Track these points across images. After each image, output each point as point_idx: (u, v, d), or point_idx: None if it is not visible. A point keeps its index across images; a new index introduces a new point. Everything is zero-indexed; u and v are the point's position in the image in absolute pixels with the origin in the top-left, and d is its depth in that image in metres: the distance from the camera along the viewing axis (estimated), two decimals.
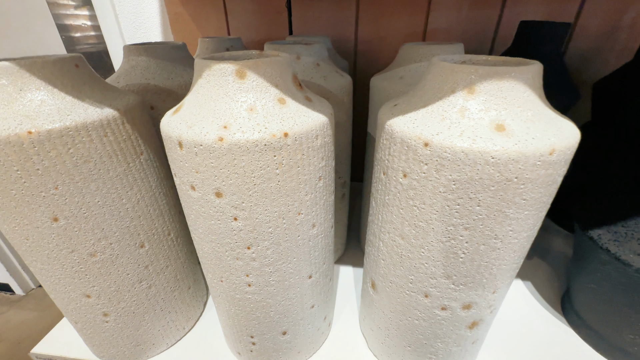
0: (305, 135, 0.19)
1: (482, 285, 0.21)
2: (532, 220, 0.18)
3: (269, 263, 0.22)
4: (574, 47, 0.47)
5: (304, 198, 0.21)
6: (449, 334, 0.24)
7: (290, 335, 0.27)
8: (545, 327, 0.33)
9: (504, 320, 0.34)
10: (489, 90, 0.17)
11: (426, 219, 0.19)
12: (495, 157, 0.16)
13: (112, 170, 0.22)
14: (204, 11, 0.51)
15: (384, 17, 0.48)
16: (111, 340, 0.28)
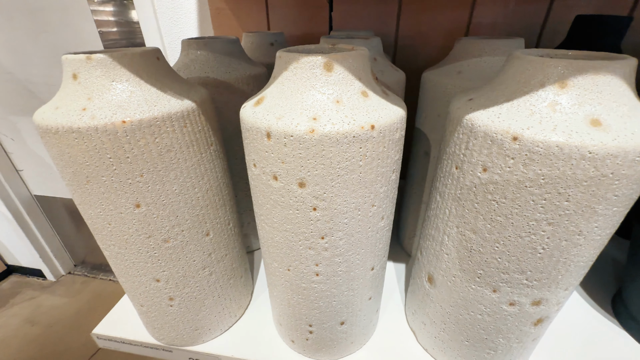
0: (389, 128, 0.19)
1: (557, 282, 0.20)
2: (618, 217, 0.18)
3: (339, 253, 0.22)
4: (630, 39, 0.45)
5: (379, 190, 0.21)
6: (513, 330, 0.24)
7: (347, 326, 0.27)
8: (597, 329, 0.33)
9: (557, 319, 0.34)
10: (582, 85, 0.17)
11: (505, 213, 0.19)
12: (592, 152, 0.16)
13: (189, 160, 0.23)
14: (246, 6, 0.52)
15: (426, 12, 0.48)
16: (173, 324, 0.29)
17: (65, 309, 1.23)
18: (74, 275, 1.42)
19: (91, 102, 0.20)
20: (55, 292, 1.32)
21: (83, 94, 0.20)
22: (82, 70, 0.20)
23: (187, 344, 0.31)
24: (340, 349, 0.29)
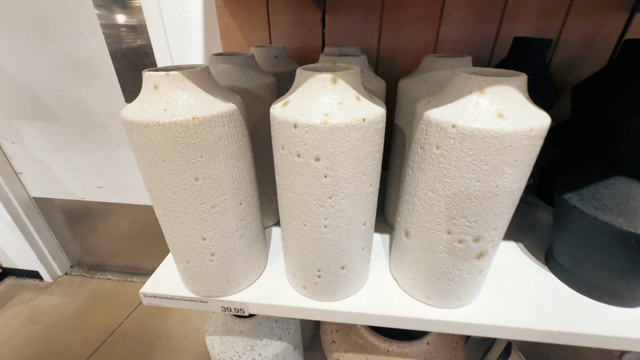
0: (374, 121, 0.28)
1: (488, 223, 0.31)
2: (520, 175, 0.28)
3: (342, 209, 0.32)
4: (558, 56, 0.58)
5: (369, 164, 0.30)
6: (463, 263, 0.34)
7: (346, 270, 0.37)
8: (534, 273, 0.43)
9: (503, 269, 0.44)
10: (493, 92, 0.27)
11: (451, 176, 0.29)
12: (498, 133, 0.26)
13: (232, 146, 0.32)
14: (251, 23, 0.61)
15: (402, 30, 0.58)
16: (212, 277, 0.38)
17: (65, 309, 1.26)
18: (71, 276, 1.44)
19: (169, 105, 0.28)
20: (53, 292, 1.35)
21: (163, 99, 0.28)
22: (162, 83, 0.28)
23: (221, 294, 0.40)
24: (341, 291, 0.39)
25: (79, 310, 1.27)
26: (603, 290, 0.39)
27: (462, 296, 0.37)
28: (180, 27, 0.74)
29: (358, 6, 0.57)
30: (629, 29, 0.54)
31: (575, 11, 0.54)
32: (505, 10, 0.55)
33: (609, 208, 0.34)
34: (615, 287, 0.37)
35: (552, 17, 0.55)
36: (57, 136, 1.06)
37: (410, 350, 0.53)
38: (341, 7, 0.58)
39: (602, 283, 0.38)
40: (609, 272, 0.37)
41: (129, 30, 0.86)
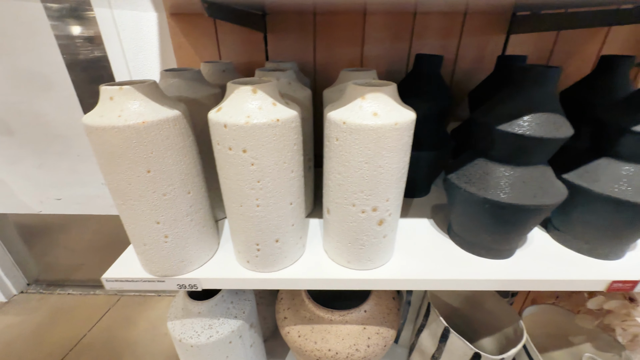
0: (288, 121, 0.38)
1: (379, 195, 0.41)
2: (397, 157, 0.39)
3: (269, 191, 0.40)
4: (459, 69, 0.71)
5: (287, 154, 0.39)
6: (368, 229, 0.44)
7: (280, 243, 0.45)
8: (437, 242, 0.54)
9: (414, 239, 0.55)
10: (371, 97, 0.37)
11: (348, 159, 0.39)
12: (372, 127, 0.36)
13: (178, 144, 0.40)
14: (201, 41, 0.69)
15: (333, 47, 0.69)
16: (167, 257, 0.45)
17: (23, 326, 1.23)
18: (27, 294, 1.40)
19: (123, 112, 0.36)
20: (8, 311, 1.30)
21: (118, 107, 0.36)
22: (116, 95, 0.36)
23: (176, 273, 0.47)
24: (278, 262, 0.47)
25: (38, 326, 1.24)
26: (482, 247, 0.50)
27: (374, 258, 0.47)
28: (137, 44, 0.80)
29: (294, 28, 0.67)
30: (507, 46, 0.69)
31: (467, 32, 0.68)
32: (414, 31, 0.67)
33: (473, 182, 0.46)
34: (490, 244, 0.49)
35: (451, 37, 0.68)
36: (12, 149, 1.05)
37: (350, 317, 0.62)
38: (280, 28, 0.67)
39: (481, 242, 0.50)
40: (482, 232, 0.48)
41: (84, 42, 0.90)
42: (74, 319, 1.27)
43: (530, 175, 0.43)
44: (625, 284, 0.47)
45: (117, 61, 0.83)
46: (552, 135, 0.39)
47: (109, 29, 0.80)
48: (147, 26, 0.77)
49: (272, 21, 0.66)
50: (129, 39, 0.80)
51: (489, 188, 0.44)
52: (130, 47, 0.80)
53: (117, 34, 0.80)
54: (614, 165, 0.45)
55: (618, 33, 0.67)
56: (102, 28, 0.80)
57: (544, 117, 0.40)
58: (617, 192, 0.43)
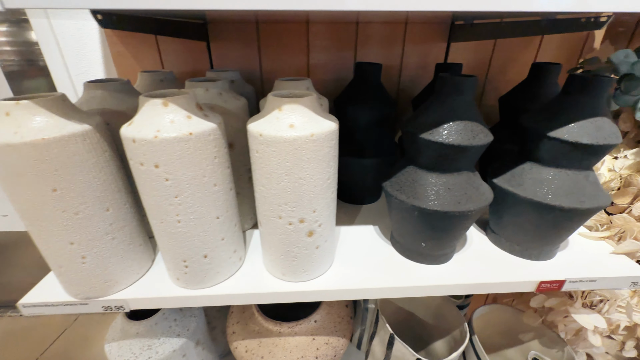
0: (203, 134, 0.37)
1: (304, 206, 0.40)
2: (319, 168, 0.38)
3: (189, 206, 0.39)
4: (405, 76, 0.72)
5: (207, 168, 0.38)
6: (298, 241, 0.43)
7: (210, 258, 0.44)
8: (380, 248, 0.55)
9: (356, 247, 0.55)
10: (287, 109, 0.37)
11: (269, 171, 0.38)
12: (288, 139, 0.36)
13: (88, 161, 0.38)
14: (141, 49, 0.67)
15: (279, 55, 0.69)
16: (87, 278, 0.42)
17: None
18: None
19: (20, 128, 0.33)
20: None
21: (14, 123, 0.34)
22: (13, 110, 0.34)
23: (100, 295, 0.44)
24: (211, 278, 0.46)
25: None
26: (419, 253, 0.51)
27: (308, 270, 0.46)
28: (78, 53, 0.76)
29: (238, 36, 0.66)
30: (449, 54, 0.71)
31: (409, 41, 0.69)
32: (357, 40, 0.68)
33: (403, 190, 0.46)
34: (425, 250, 0.50)
35: (394, 45, 0.69)
36: None
37: (299, 329, 0.61)
38: (223, 37, 0.66)
39: (417, 248, 0.50)
40: (417, 239, 0.49)
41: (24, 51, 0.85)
42: (27, 342, 1.19)
43: (455, 181, 0.43)
44: (552, 284, 0.48)
45: (57, 71, 0.79)
46: (469, 142, 0.40)
47: (47, 38, 0.76)
48: (87, 34, 0.74)
49: (214, 30, 0.65)
50: (69, 47, 0.76)
51: (417, 195, 0.44)
52: (71, 56, 0.77)
53: (57, 43, 0.76)
54: (536, 169, 0.47)
55: (551, 41, 0.71)
56: (40, 37, 0.76)
57: (462, 125, 0.40)
58: (539, 195, 0.45)
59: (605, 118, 0.42)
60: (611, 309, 0.63)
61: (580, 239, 0.58)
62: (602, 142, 0.41)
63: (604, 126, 0.41)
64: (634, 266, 0.51)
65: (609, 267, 0.51)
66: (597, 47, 0.72)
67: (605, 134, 0.41)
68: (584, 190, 0.44)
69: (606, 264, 0.51)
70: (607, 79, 0.41)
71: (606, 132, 0.41)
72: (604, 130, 0.41)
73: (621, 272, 0.49)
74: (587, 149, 0.42)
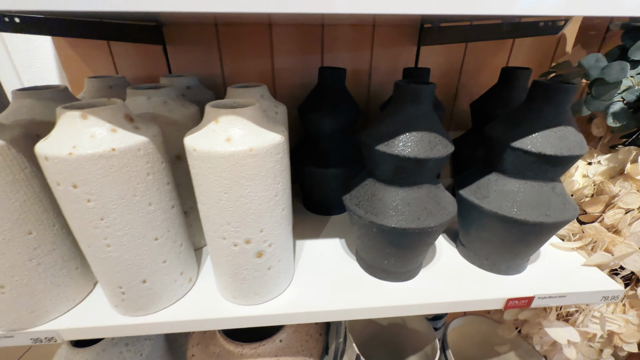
0: (131, 149, 0.33)
1: (249, 227, 0.37)
2: (262, 185, 0.35)
3: (119, 229, 0.35)
4: (375, 81, 0.70)
5: (137, 187, 0.35)
6: (246, 263, 0.39)
7: (150, 283, 0.40)
8: (344, 264, 0.51)
9: (319, 264, 0.51)
10: (225, 121, 0.33)
11: (207, 189, 0.35)
12: (223, 154, 0.32)
13: (3, 179, 0.33)
14: (92, 53, 0.62)
15: (241, 60, 0.65)
16: (9, 310, 0.38)
17: None
18: None
19: None
20: None
21: None
22: None
23: (27, 326, 0.40)
24: (153, 304, 0.42)
25: None
26: (382, 270, 0.48)
27: (261, 292, 0.43)
28: (29, 56, 0.71)
29: (196, 39, 0.62)
30: (419, 58, 0.68)
31: (378, 44, 0.66)
32: (324, 43, 0.65)
33: (362, 204, 0.43)
34: (388, 267, 0.47)
35: (363, 49, 0.67)
36: None
37: (263, 350, 0.57)
38: (180, 40, 0.62)
39: (380, 265, 0.47)
40: (379, 256, 0.46)
41: None
42: None
43: (415, 196, 0.41)
44: (521, 300, 0.46)
45: (7, 76, 0.74)
46: (427, 155, 0.37)
47: None
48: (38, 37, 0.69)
49: (170, 33, 0.61)
50: (19, 51, 0.71)
51: (375, 211, 0.41)
52: (22, 61, 0.72)
53: (4, 46, 0.71)
54: (501, 181, 0.44)
55: (522, 45, 0.69)
56: None
57: (419, 137, 0.38)
58: (504, 209, 0.42)
59: (569, 127, 0.40)
60: (586, 319, 0.62)
61: (552, 249, 0.56)
62: (566, 153, 0.38)
63: (568, 136, 0.39)
64: (605, 279, 0.49)
65: (579, 280, 0.49)
66: (569, 51, 0.70)
67: (569, 145, 0.39)
68: (550, 203, 0.42)
69: (577, 277, 0.49)
70: (570, 86, 0.38)
71: (570, 142, 0.39)
72: (568, 141, 0.39)
73: (591, 286, 0.47)
74: (551, 160, 0.39)
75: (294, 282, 0.48)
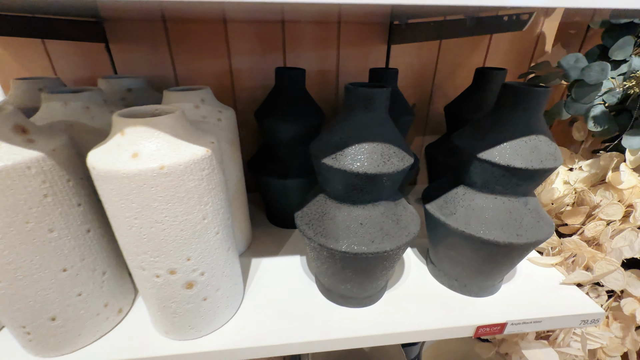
0: (15, 168, 0.27)
1: (171, 255, 0.31)
2: (183, 208, 0.30)
3: (9, 262, 0.29)
4: (342, 82, 0.65)
5: (30, 212, 0.29)
6: (174, 296, 0.34)
7: (61, 320, 0.34)
8: (301, 287, 0.46)
9: (274, 286, 0.46)
10: (132, 133, 0.28)
11: (114, 214, 0.29)
12: (127, 174, 0.27)
13: None
14: (26, 53, 0.56)
15: (195, 60, 0.59)
16: None
17: None
18: None
19: None
20: None
21: None
22: None
23: None
24: (69, 342, 0.36)
25: None
26: (340, 295, 0.43)
27: (197, 326, 0.37)
28: None
29: (143, 37, 0.57)
30: (390, 57, 0.64)
31: (345, 43, 0.61)
32: (285, 41, 0.60)
33: (312, 224, 0.38)
34: (346, 292, 0.42)
35: (328, 48, 0.61)
36: None
37: None
38: (125, 38, 0.56)
39: (337, 290, 0.42)
40: (335, 281, 0.41)
41: None
42: None
43: (369, 215, 0.36)
44: (492, 327, 0.41)
45: None
46: (379, 170, 0.32)
47: None
48: None
49: (112, 29, 0.55)
50: None
51: (325, 232, 0.36)
52: None
53: None
54: (469, 195, 0.39)
55: (499, 44, 0.65)
56: None
57: (369, 148, 0.33)
58: (471, 227, 0.38)
59: (541, 136, 0.35)
60: (567, 337, 0.58)
61: (530, 265, 0.52)
62: (538, 166, 0.34)
63: (540, 146, 0.35)
64: (584, 300, 0.45)
65: (557, 301, 0.44)
66: (548, 51, 0.67)
67: (541, 156, 0.34)
68: (522, 220, 0.37)
69: (555, 297, 0.45)
70: (541, 90, 0.34)
71: (542, 153, 0.34)
72: (539, 152, 0.34)
73: (570, 309, 0.43)
74: (521, 174, 0.35)
75: (241, 310, 0.42)
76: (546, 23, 0.63)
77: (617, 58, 0.53)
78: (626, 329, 0.54)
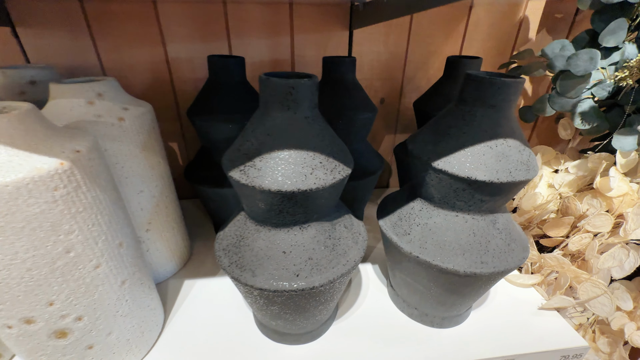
0: None
1: (20, 302, 0.24)
2: (27, 241, 0.22)
3: None
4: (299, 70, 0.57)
5: None
6: (41, 347, 0.26)
7: None
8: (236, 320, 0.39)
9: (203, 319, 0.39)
10: None
11: None
12: None
13: None
14: None
15: (124, 48, 0.51)
16: None
17: None
18: None
19: None
20: None
21: None
22: None
23: None
24: None
25: None
26: (276, 332, 0.35)
27: None
28: None
29: (55, 20, 0.48)
30: (353, 45, 0.56)
31: (300, 28, 0.53)
32: (229, 26, 0.52)
33: (227, 250, 0.30)
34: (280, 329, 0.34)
35: (280, 34, 0.53)
36: None
37: None
38: (34, 22, 0.48)
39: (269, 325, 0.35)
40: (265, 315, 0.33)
41: None
42: None
43: (294, 241, 0.28)
44: None
45: None
46: (296, 187, 0.25)
47: None
48: None
49: (16, 11, 0.47)
50: None
51: (241, 262, 0.29)
52: None
53: None
54: (426, 212, 0.32)
55: (477, 30, 0.57)
56: None
57: (287, 158, 0.25)
58: (427, 252, 0.31)
59: (511, 140, 0.28)
60: None
61: (505, 285, 0.45)
62: (506, 179, 0.27)
63: (510, 153, 0.27)
64: (566, 330, 0.38)
65: (534, 333, 0.38)
66: (532, 38, 0.59)
67: (510, 166, 0.27)
68: (489, 244, 0.30)
69: (533, 326, 0.38)
70: (511, 81, 0.26)
71: (512, 162, 0.27)
72: (508, 160, 0.27)
73: (548, 343, 0.36)
74: (485, 188, 0.27)
75: (154, 351, 0.35)
76: (530, 4, 0.56)
77: (608, 45, 0.46)
78: (614, 344, 0.48)
